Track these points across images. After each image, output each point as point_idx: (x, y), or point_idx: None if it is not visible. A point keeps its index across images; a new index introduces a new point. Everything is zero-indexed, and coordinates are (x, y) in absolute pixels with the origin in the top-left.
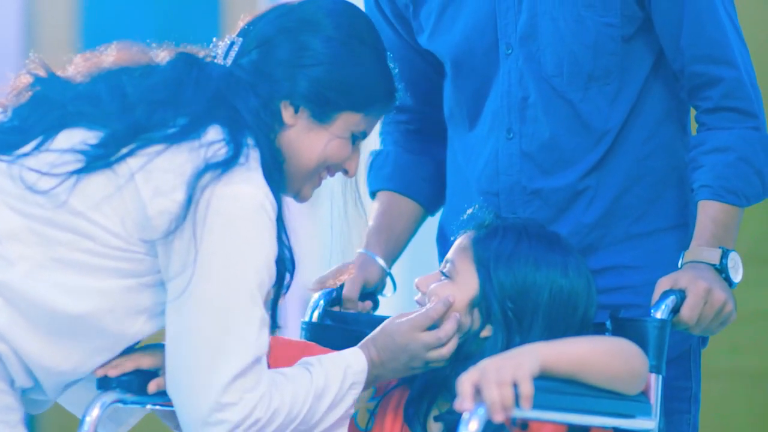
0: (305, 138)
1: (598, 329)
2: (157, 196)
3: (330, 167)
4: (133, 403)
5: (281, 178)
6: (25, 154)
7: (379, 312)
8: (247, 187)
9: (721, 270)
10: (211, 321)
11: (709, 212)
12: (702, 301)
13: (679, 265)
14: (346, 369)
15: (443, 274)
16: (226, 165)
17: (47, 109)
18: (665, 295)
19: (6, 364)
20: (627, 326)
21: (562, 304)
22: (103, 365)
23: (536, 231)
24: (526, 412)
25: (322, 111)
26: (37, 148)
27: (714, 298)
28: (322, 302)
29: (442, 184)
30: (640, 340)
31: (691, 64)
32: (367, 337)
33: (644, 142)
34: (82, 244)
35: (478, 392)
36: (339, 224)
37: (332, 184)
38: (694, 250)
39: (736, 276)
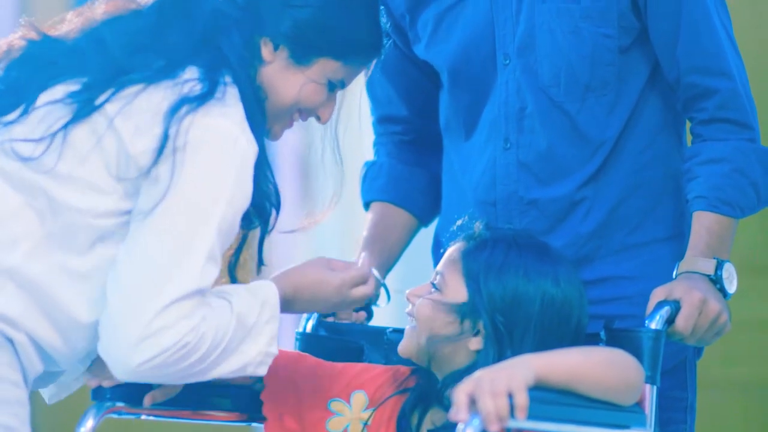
0: (281, 77)
1: (593, 339)
2: (137, 135)
3: (303, 111)
4: (127, 414)
5: (262, 114)
6: (11, 122)
7: (373, 322)
8: (224, 121)
9: (716, 281)
10: (165, 243)
11: (704, 223)
12: (697, 312)
13: (674, 276)
14: (264, 302)
15: (433, 285)
16: (201, 99)
17: (35, 69)
18: (660, 305)
19: (21, 354)
20: (621, 337)
21: (555, 315)
22: (97, 375)
23: (526, 242)
24: (522, 423)
25: (301, 52)
26: (23, 113)
27: (709, 309)
28: (316, 312)
29: (436, 195)
30: (635, 351)
31: (686, 74)
32: (283, 272)
33: (641, 153)
34: (78, 218)
35: (473, 403)
36: (318, 174)
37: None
38: (688, 261)
39: (731, 287)
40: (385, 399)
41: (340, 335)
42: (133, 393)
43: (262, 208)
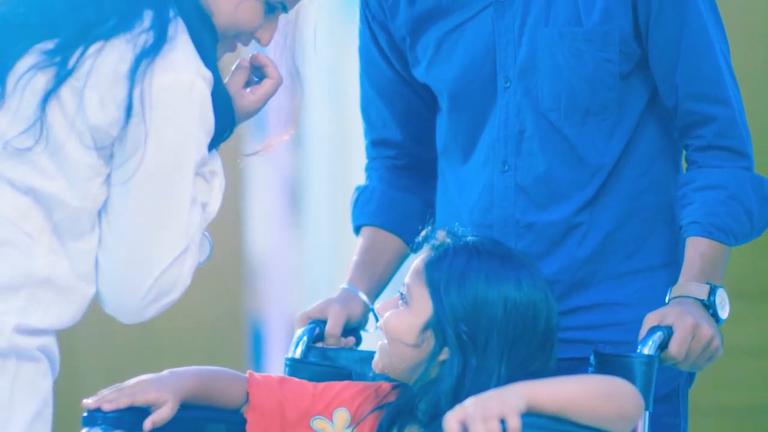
0: None
1: (582, 364)
2: (102, 108)
3: (241, 35)
4: None
5: (212, 35)
6: None
7: (362, 347)
8: (183, 75)
9: (709, 306)
10: (148, 208)
11: (698, 248)
12: (690, 336)
13: (667, 300)
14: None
15: (402, 298)
16: (155, 49)
17: (7, 36)
18: (652, 331)
19: (54, 361)
20: (613, 362)
21: (519, 319)
22: (96, 399)
23: (488, 248)
24: None
25: None
26: (1, 97)
27: (701, 333)
28: (305, 338)
29: (428, 221)
30: (627, 376)
31: (685, 101)
32: None
33: (638, 179)
34: (76, 208)
35: (465, 430)
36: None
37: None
38: (681, 285)
39: (723, 313)
40: (365, 416)
41: (329, 361)
42: (125, 419)
43: (221, 127)
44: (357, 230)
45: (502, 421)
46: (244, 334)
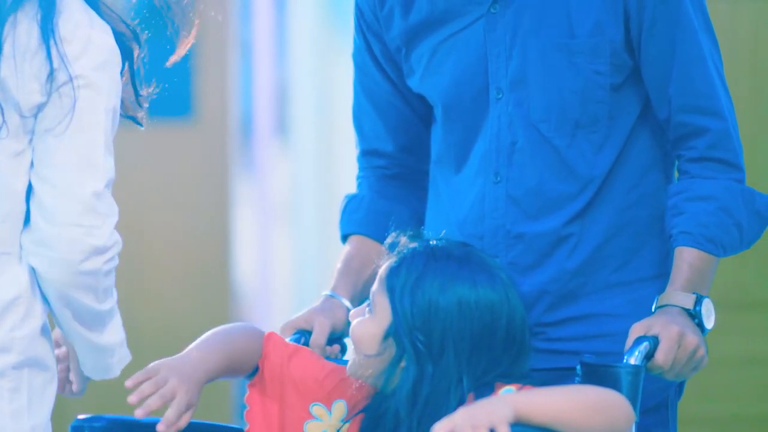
0: None
1: (569, 374)
2: (24, 88)
3: None
4: None
5: None
6: None
7: (347, 356)
8: (87, 31)
9: (694, 315)
10: (74, 157)
11: (686, 258)
12: (676, 345)
13: (653, 309)
14: None
15: (369, 305)
16: (48, 16)
17: None
18: (638, 341)
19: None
20: (600, 372)
21: (476, 321)
22: (135, 393)
23: (447, 252)
24: None
25: None
26: None
27: (686, 342)
28: None
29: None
30: (614, 386)
31: (677, 113)
32: None
33: (629, 191)
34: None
35: None
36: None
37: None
38: (668, 295)
39: (709, 323)
40: (355, 414)
41: None
42: (112, 428)
43: (126, 51)
44: (344, 238)
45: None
46: None
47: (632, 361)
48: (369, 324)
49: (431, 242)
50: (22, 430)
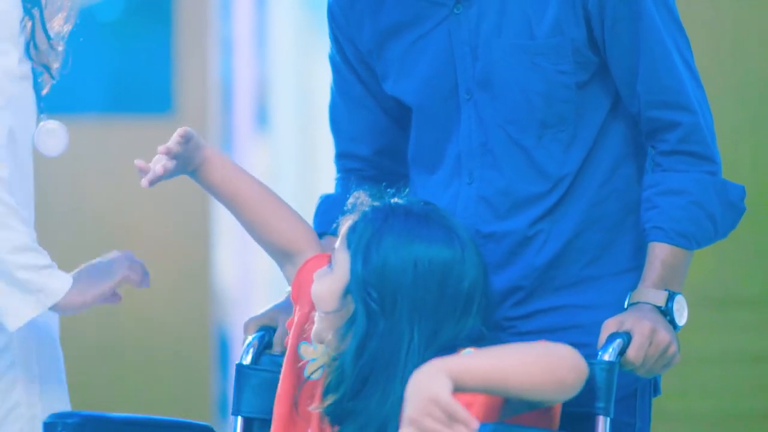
0: None
1: None
2: None
3: None
4: None
5: None
6: None
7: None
8: None
9: (666, 312)
10: None
11: (658, 254)
12: (647, 342)
13: (626, 306)
14: None
15: (329, 264)
16: None
17: None
18: (612, 337)
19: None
20: None
21: (431, 279)
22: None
23: (407, 208)
24: None
25: None
26: None
27: (658, 339)
28: (256, 345)
29: None
30: (587, 382)
31: (647, 109)
32: None
33: (600, 187)
34: None
35: None
36: None
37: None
38: (640, 291)
39: (681, 319)
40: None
41: (281, 368)
42: (86, 428)
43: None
44: (319, 237)
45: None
46: (211, 342)
47: (606, 357)
48: (328, 280)
49: (392, 200)
50: None
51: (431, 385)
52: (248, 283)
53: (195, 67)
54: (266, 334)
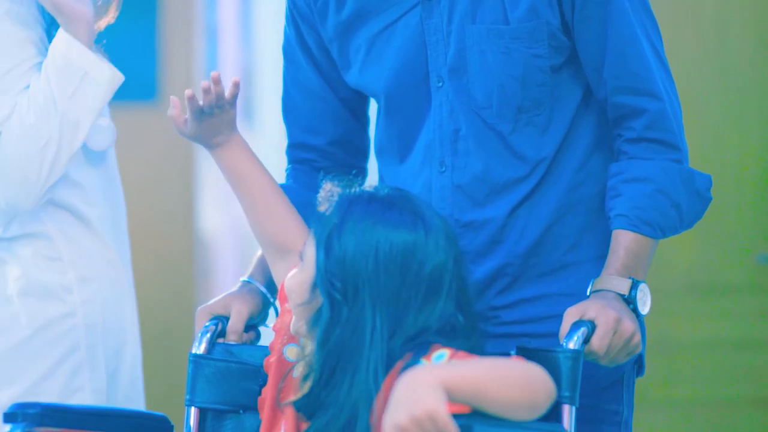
0: None
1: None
2: None
3: None
4: None
5: None
6: None
7: (261, 343)
8: None
9: (629, 300)
10: None
11: (622, 242)
12: (612, 331)
13: (588, 293)
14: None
15: (300, 257)
16: None
17: None
18: (576, 325)
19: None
20: (538, 357)
21: (393, 264)
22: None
23: (372, 195)
24: None
25: None
26: None
27: (623, 328)
28: (209, 334)
29: None
30: (553, 371)
31: (613, 95)
32: None
33: (576, 171)
34: None
35: None
36: None
37: None
38: (603, 279)
39: (644, 308)
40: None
41: (235, 357)
42: (47, 416)
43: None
44: None
45: None
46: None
47: (571, 345)
48: (298, 274)
49: (359, 188)
50: None
51: (428, 398)
52: (232, 264)
53: (180, 54)
54: (219, 322)
